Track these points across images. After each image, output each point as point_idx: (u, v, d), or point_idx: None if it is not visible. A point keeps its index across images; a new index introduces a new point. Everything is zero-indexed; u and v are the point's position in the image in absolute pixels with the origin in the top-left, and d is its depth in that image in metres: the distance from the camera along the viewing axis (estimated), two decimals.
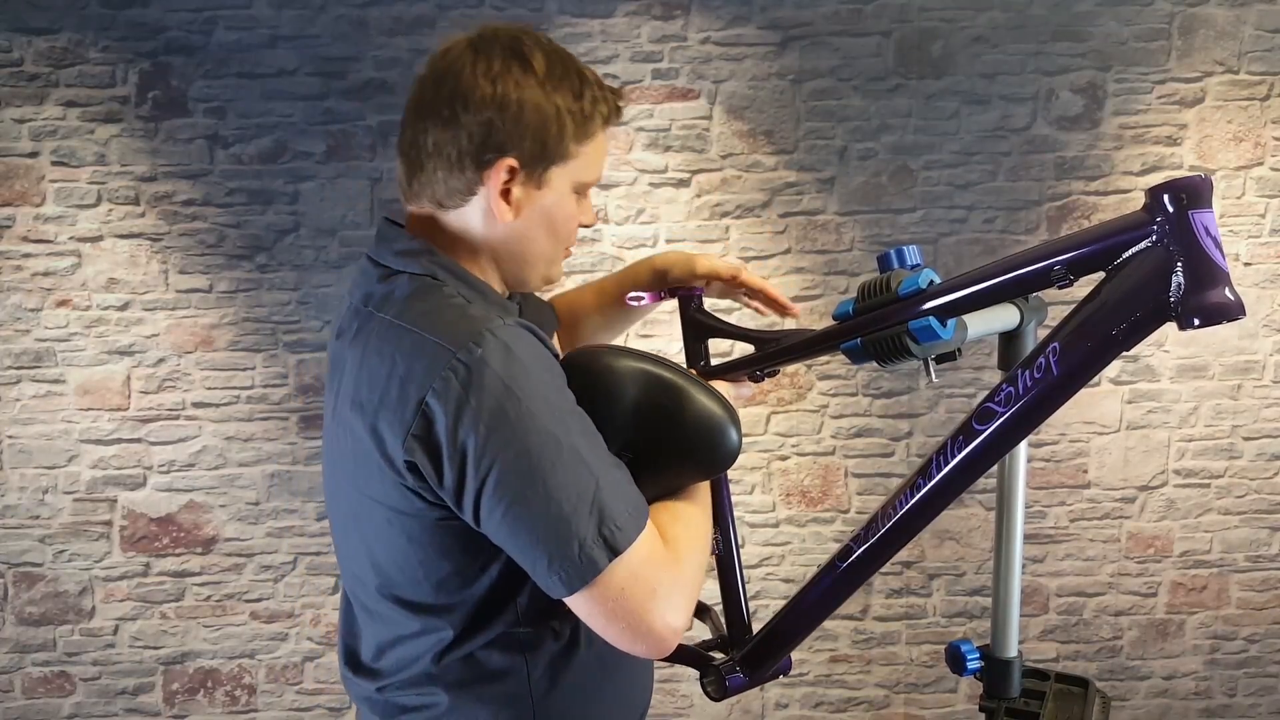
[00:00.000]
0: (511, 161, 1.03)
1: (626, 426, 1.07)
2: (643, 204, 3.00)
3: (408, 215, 1.12)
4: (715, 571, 1.52)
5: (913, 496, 1.09)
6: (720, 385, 1.26)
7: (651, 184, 2.99)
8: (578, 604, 0.97)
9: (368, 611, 1.13)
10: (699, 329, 1.52)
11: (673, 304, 1.54)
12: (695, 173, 3.00)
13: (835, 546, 1.25)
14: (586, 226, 1.16)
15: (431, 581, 1.04)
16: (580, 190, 1.11)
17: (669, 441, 1.08)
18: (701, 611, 1.58)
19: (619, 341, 1.63)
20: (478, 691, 1.06)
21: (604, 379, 1.09)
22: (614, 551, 0.95)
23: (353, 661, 1.16)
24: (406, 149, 1.07)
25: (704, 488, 1.16)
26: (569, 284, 2.97)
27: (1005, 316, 1.17)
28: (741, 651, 1.39)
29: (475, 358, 0.93)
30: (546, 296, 1.56)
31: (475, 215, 1.07)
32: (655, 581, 0.97)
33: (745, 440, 3.02)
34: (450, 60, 1.05)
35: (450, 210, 1.07)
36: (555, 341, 1.29)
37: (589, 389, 1.06)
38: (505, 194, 1.05)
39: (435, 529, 1.01)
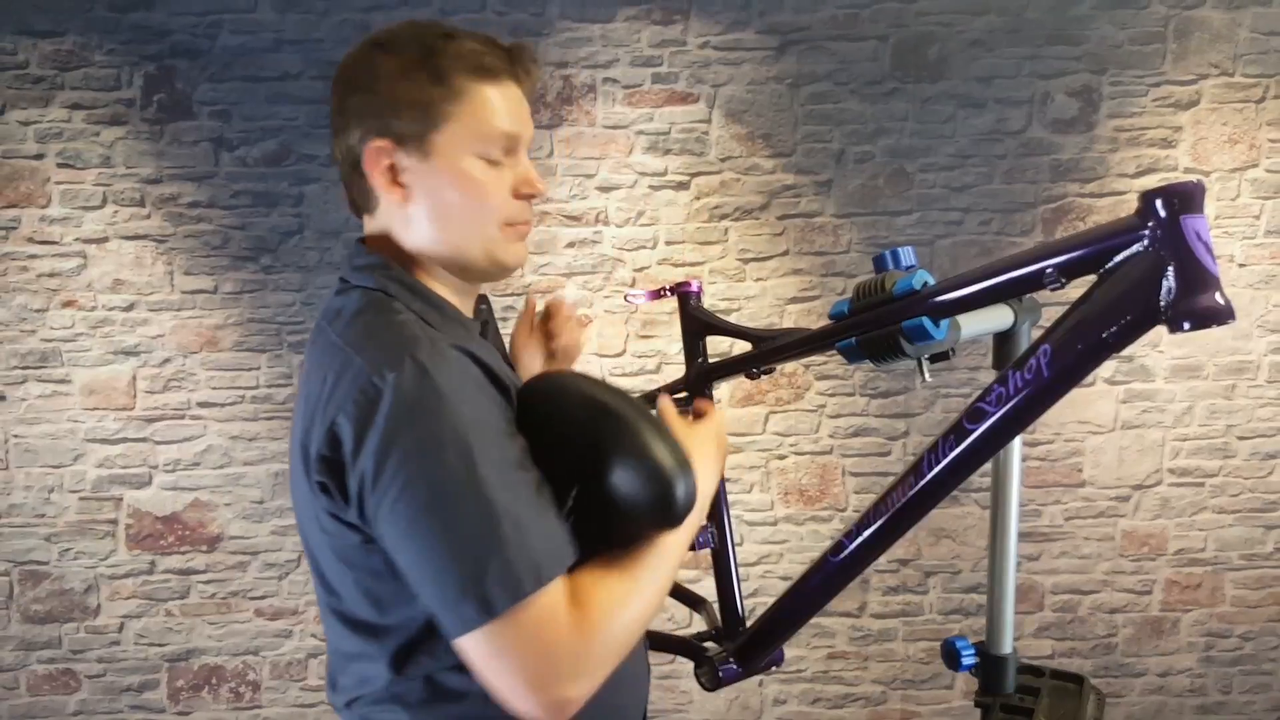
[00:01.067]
0: (379, 142, 1.01)
1: (568, 456, 0.96)
2: (642, 206, 3.02)
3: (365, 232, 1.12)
4: (711, 566, 1.55)
5: (905, 494, 1.11)
6: (698, 429, 1.10)
7: (651, 186, 3.02)
8: (462, 651, 0.90)
9: (328, 626, 1.09)
10: (697, 326, 1.56)
11: (673, 304, 1.58)
12: (694, 175, 3.02)
13: None
14: (530, 196, 1.08)
15: (371, 601, 0.99)
16: (487, 156, 1.03)
17: (609, 479, 0.94)
18: (697, 604, 1.61)
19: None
20: (437, 711, 1.01)
21: (552, 399, 1.00)
22: (495, 606, 0.86)
23: (331, 680, 1.12)
24: (338, 169, 1.09)
25: (664, 547, 0.98)
26: (569, 287, 3.00)
27: (999, 317, 1.19)
28: (735, 643, 1.41)
29: (387, 381, 0.90)
30: None
31: (390, 212, 1.06)
32: (551, 645, 0.87)
33: (744, 439, 3.04)
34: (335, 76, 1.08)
35: (376, 215, 1.07)
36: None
37: (535, 408, 0.99)
38: (393, 177, 1.02)
39: (362, 550, 0.97)
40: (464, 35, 1.03)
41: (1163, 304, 0.86)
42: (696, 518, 1.01)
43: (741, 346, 1.43)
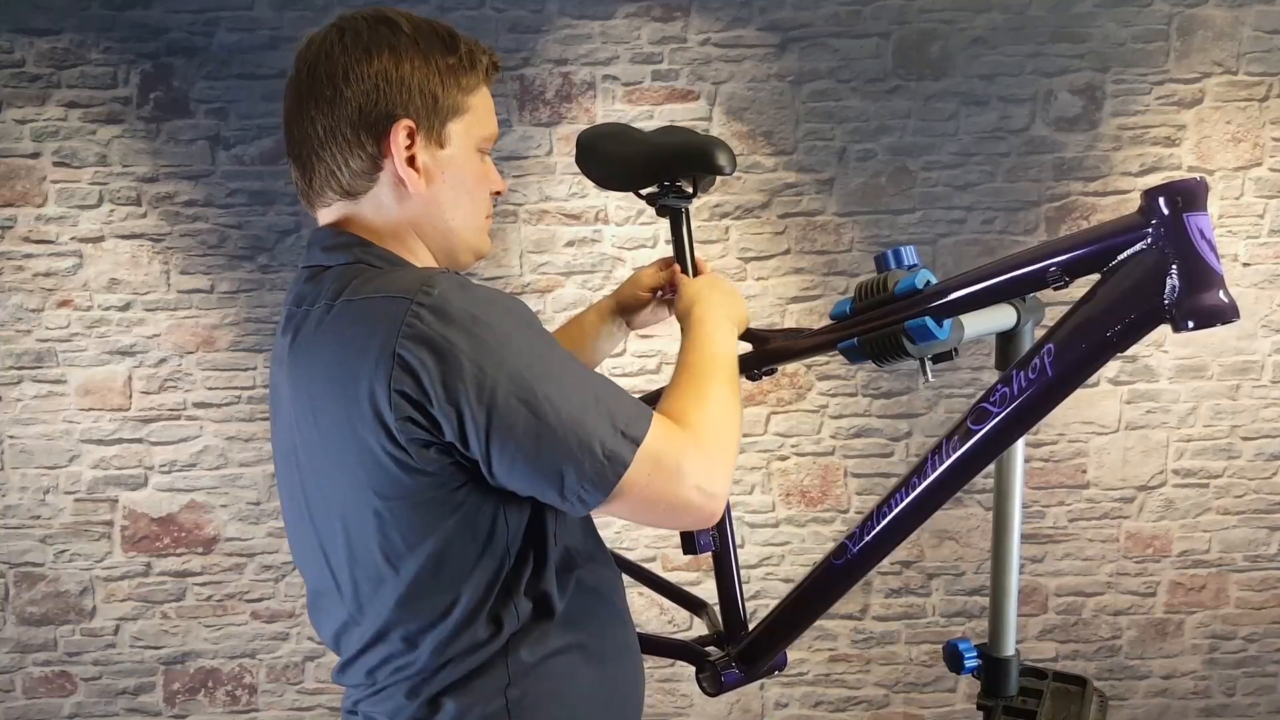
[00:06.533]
0: (408, 123, 1.01)
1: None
2: (642, 205, 2.99)
3: (324, 223, 1.09)
4: (712, 568, 1.53)
5: (907, 495, 1.09)
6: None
7: None
8: (614, 505, 0.96)
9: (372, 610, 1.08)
10: None
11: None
12: None
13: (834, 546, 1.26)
14: (499, 194, 1.15)
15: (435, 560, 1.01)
16: (483, 149, 1.10)
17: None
18: (698, 608, 1.59)
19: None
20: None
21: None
22: (635, 441, 0.94)
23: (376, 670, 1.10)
24: (297, 149, 1.06)
25: (710, 356, 1.15)
26: (569, 286, 2.98)
27: (1002, 317, 1.17)
28: (737, 647, 1.39)
29: (434, 298, 0.91)
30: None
31: (387, 194, 1.04)
32: (679, 456, 0.96)
33: (745, 440, 3.03)
34: (317, 47, 1.03)
35: (362, 198, 1.04)
36: None
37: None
38: (410, 161, 1.02)
39: (445, 487, 0.97)
40: (460, 32, 1.08)
41: (1166, 303, 0.86)
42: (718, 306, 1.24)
43: (742, 347, 1.41)
